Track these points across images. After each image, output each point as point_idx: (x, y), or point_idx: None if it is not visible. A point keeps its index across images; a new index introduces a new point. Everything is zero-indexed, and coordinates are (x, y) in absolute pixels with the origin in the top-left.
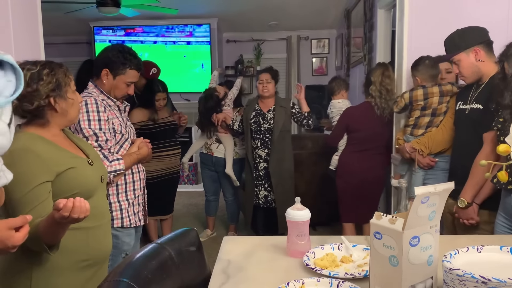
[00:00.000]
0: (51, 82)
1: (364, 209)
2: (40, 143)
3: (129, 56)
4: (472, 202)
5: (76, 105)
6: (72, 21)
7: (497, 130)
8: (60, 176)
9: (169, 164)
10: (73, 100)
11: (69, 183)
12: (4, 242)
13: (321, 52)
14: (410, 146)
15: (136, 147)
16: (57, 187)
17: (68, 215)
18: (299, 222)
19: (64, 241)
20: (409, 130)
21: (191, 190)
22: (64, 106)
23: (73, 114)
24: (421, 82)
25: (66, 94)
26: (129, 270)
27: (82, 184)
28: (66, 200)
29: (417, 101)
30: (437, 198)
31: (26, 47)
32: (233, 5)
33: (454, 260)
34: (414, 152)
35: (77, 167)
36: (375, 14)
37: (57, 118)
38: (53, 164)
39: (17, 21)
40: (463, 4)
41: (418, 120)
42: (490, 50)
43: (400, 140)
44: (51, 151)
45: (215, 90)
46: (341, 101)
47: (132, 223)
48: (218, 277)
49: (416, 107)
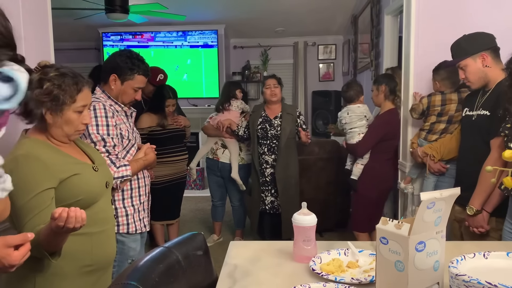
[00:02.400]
0: (48, 94)
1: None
2: (44, 149)
3: (137, 61)
4: (481, 209)
5: (74, 125)
6: (81, 27)
7: (504, 136)
8: (64, 182)
9: (177, 169)
10: (70, 119)
11: (72, 190)
12: (1, 261)
13: (328, 58)
14: (422, 151)
15: (143, 153)
16: (61, 194)
17: (63, 224)
18: (306, 227)
19: (67, 247)
20: (423, 135)
21: (197, 195)
22: (58, 120)
23: (68, 131)
24: (439, 87)
25: (63, 111)
26: (136, 273)
27: (86, 190)
28: (62, 209)
29: (434, 107)
30: (443, 203)
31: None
32: (240, 12)
33: (460, 266)
34: (426, 157)
35: (81, 174)
36: (382, 20)
37: (53, 129)
38: (57, 170)
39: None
40: (470, 10)
41: (434, 126)
42: (497, 56)
43: (414, 144)
44: (55, 158)
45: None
46: (361, 106)
47: (137, 229)
48: (224, 282)
49: (432, 112)
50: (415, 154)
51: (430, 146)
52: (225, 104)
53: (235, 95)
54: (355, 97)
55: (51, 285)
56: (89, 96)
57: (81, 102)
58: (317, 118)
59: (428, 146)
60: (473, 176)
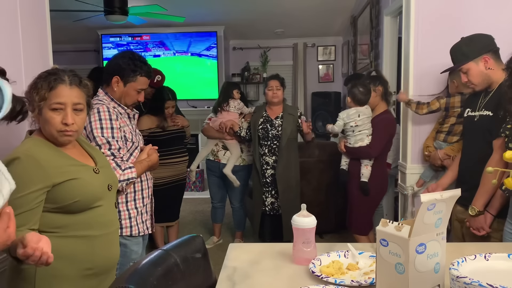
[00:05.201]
0: (26, 95)
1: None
2: (44, 150)
3: (139, 63)
4: (483, 210)
5: (52, 125)
6: (80, 29)
7: (505, 137)
8: (59, 185)
9: (177, 171)
10: (47, 119)
11: (69, 192)
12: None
13: (328, 59)
14: (443, 153)
15: (146, 154)
16: (57, 196)
17: (25, 259)
18: (305, 229)
19: (68, 249)
20: (442, 137)
21: (197, 197)
22: (41, 122)
23: (49, 131)
24: (457, 88)
25: (41, 111)
26: (135, 276)
27: (84, 193)
28: (30, 246)
29: (454, 108)
30: (443, 205)
31: (35, 55)
32: (239, 13)
33: (461, 267)
34: (448, 159)
35: (79, 178)
36: (382, 21)
37: (44, 131)
38: (52, 173)
39: (26, 29)
40: (469, 10)
41: (453, 127)
42: (498, 57)
43: (430, 147)
44: (53, 159)
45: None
46: (368, 107)
47: (140, 231)
48: (223, 284)
49: (452, 114)
50: (435, 156)
51: (452, 148)
52: (223, 104)
53: (233, 95)
54: (368, 100)
55: (50, 286)
56: (70, 95)
57: (55, 99)
58: (317, 119)
59: (450, 148)
60: (476, 176)
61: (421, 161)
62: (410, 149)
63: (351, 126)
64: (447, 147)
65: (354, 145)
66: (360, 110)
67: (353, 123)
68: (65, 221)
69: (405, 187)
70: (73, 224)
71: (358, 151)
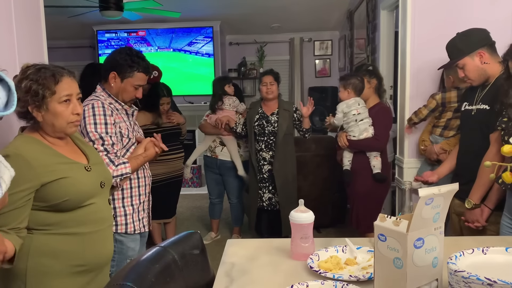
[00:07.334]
0: (28, 91)
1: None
2: (34, 148)
3: (137, 58)
4: (479, 203)
5: (63, 117)
6: (75, 25)
7: (501, 130)
8: (48, 185)
9: (173, 167)
10: (57, 112)
11: (59, 191)
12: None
13: (324, 53)
14: (440, 147)
15: (143, 148)
16: (46, 194)
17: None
18: (303, 224)
19: (58, 245)
20: (438, 131)
21: (195, 193)
22: (47, 116)
23: (59, 125)
24: (453, 83)
25: (48, 105)
26: (132, 273)
27: (74, 191)
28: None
29: (450, 103)
30: (441, 199)
31: (29, 51)
32: (235, 8)
33: (459, 262)
34: (444, 153)
35: (69, 176)
36: (378, 15)
37: (44, 126)
38: (41, 172)
39: (20, 25)
40: (466, 4)
41: (450, 122)
42: (494, 51)
43: (426, 141)
44: (43, 157)
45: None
46: (362, 97)
47: (136, 229)
48: (222, 280)
49: (448, 108)
50: (431, 151)
51: (448, 142)
52: (217, 103)
53: (225, 92)
54: (363, 89)
55: (42, 283)
56: (73, 86)
57: (63, 92)
58: (313, 114)
59: (446, 142)
60: (473, 170)
61: (417, 156)
62: (406, 143)
63: (353, 115)
64: (443, 141)
65: (359, 136)
66: (358, 100)
67: (355, 111)
68: (56, 218)
69: (403, 181)
70: (64, 221)
71: (365, 144)
